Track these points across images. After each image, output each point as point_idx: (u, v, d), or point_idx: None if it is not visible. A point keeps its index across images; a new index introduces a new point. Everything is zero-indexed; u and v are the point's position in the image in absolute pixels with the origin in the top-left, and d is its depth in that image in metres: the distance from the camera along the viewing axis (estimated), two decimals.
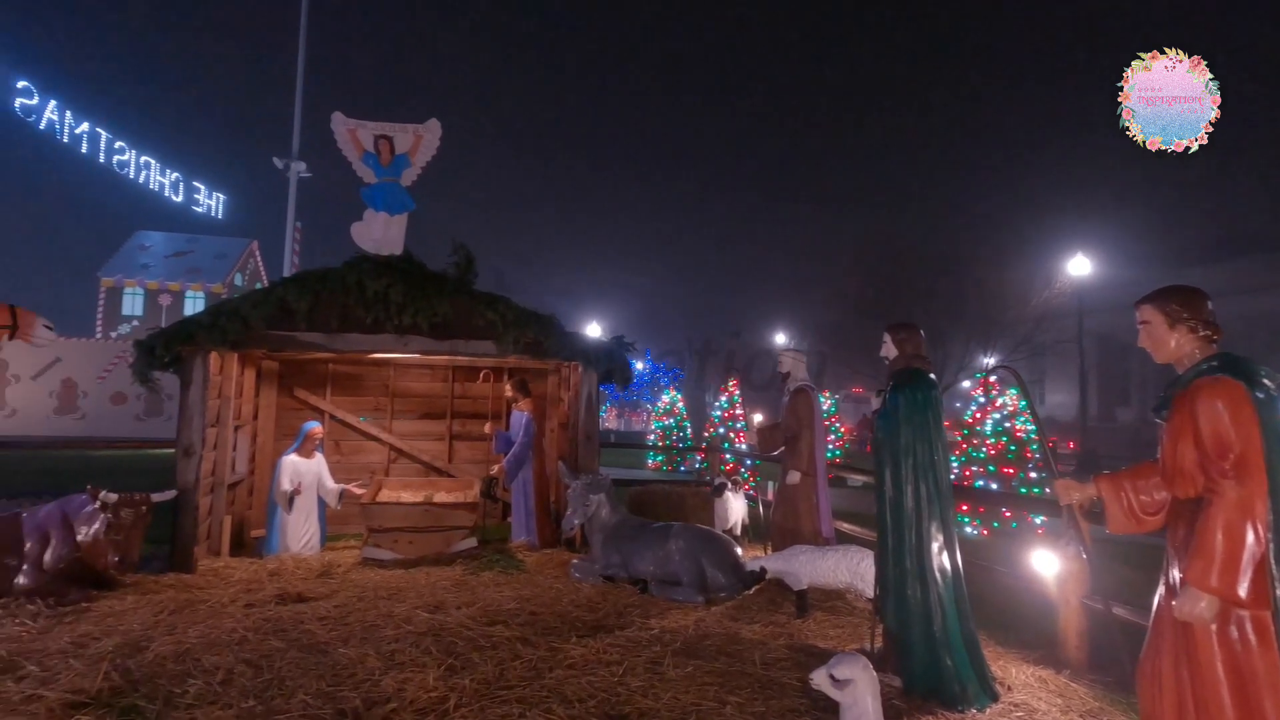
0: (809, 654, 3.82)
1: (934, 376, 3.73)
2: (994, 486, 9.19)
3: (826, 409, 15.60)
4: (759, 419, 13.39)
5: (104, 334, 32.65)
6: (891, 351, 3.78)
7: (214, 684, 3.18)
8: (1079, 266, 19.12)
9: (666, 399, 19.71)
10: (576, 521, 5.52)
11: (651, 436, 20.55)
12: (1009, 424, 9.68)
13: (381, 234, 6.05)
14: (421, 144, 6.25)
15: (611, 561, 5.28)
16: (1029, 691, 3.48)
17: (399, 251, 6.04)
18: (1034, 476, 9.35)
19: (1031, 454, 9.46)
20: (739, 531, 6.78)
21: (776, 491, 5.90)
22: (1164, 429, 2.20)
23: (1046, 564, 4.27)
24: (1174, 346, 2.26)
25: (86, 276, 35.95)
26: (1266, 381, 2.08)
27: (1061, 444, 17.87)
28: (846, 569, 4.55)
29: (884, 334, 3.84)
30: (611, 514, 5.47)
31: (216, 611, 4.30)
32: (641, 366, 30.06)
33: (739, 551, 5.27)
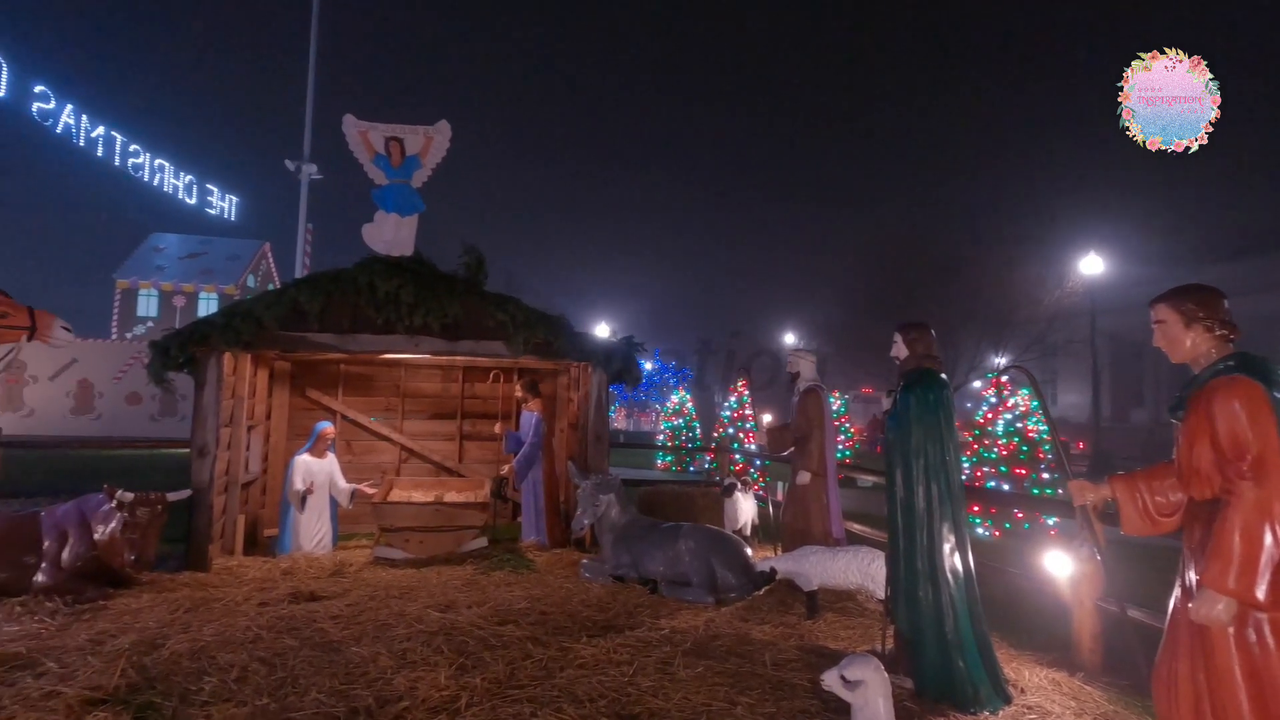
0: (820, 655, 3.81)
1: (945, 376, 3.71)
2: (1006, 487, 9.12)
3: (836, 409, 15.53)
4: (768, 419, 13.36)
5: (119, 335, 33.04)
6: (902, 351, 3.75)
7: (229, 681, 3.21)
8: (1091, 265, 18.90)
9: (675, 399, 19.71)
10: (586, 521, 5.53)
11: (660, 437, 20.56)
12: (1021, 424, 9.61)
13: (392, 235, 6.09)
14: (432, 145, 6.28)
15: (621, 561, 5.29)
16: (1042, 694, 3.46)
17: (410, 252, 6.08)
18: (1046, 477, 9.27)
19: (1044, 455, 9.38)
20: (749, 532, 6.77)
21: (786, 492, 5.89)
22: (1180, 429, 2.18)
23: (1060, 566, 4.24)
24: (1190, 346, 2.24)
25: (102, 278, 36.43)
26: None
27: (1071, 444, 17.71)
28: (857, 570, 4.54)
29: (894, 334, 3.82)
30: (621, 514, 5.48)
31: (231, 610, 4.35)
32: (650, 367, 30.08)
33: (749, 552, 5.26)
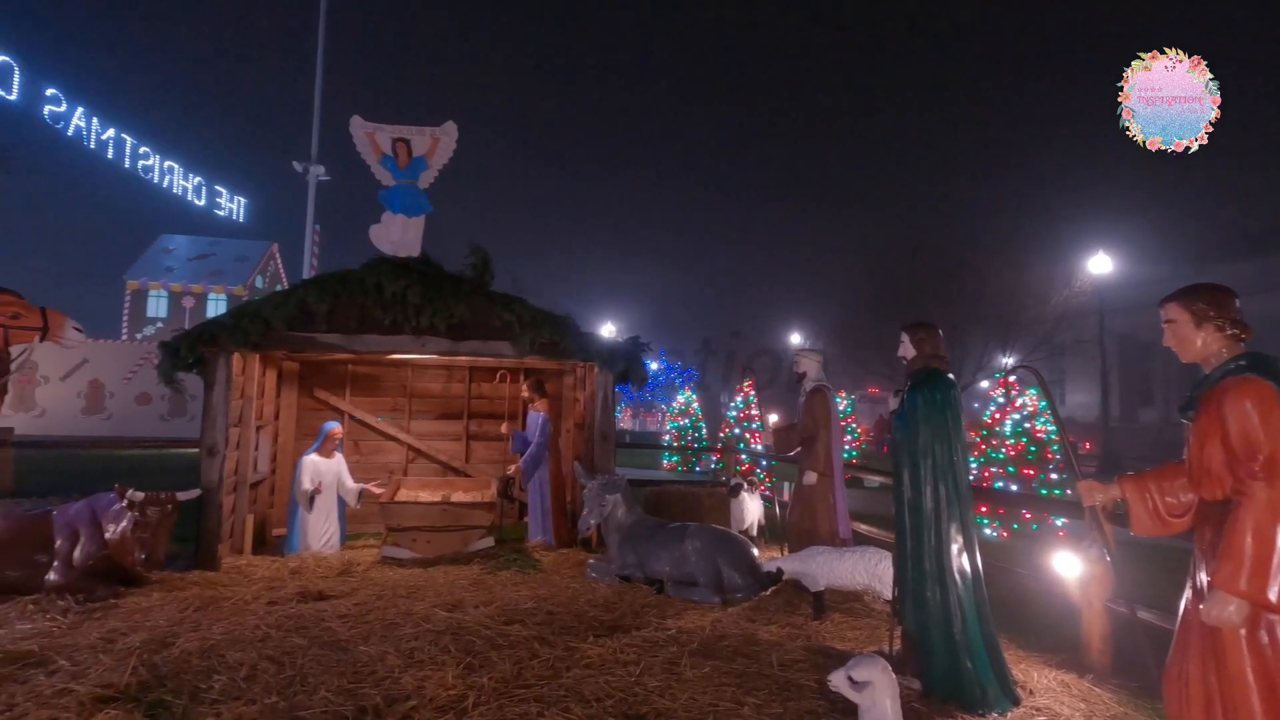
0: (827, 656, 3.81)
1: (952, 376, 3.70)
2: (1014, 488, 9.07)
3: (842, 409, 15.50)
4: (775, 419, 13.34)
5: (129, 336, 33.29)
6: (909, 351, 3.74)
7: (238, 680, 3.23)
8: (1100, 264, 18.80)
9: (681, 399, 19.70)
10: (593, 521, 5.53)
11: (666, 437, 20.56)
12: (1029, 424, 9.55)
13: (399, 236, 6.12)
14: (438, 146, 6.31)
15: (628, 561, 5.29)
16: (1051, 696, 3.44)
17: (416, 253, 6.10)
18: (1054, 478, 9.21)
19: (1052, 455, 9.32)
20: (755, 532, 6.76)
21: (793, 492, 5.88)
22: (1191, 430, 2.16)
23: (1069, 566, 4.22)
24: (1201, 346, 2.22)
25: (112, 279, 36.68)
26: None
27: (1078, 444, 17.55)
28: (864, 570, 4.52)
29: (901, 334, 3.81)
30: (627, 514, 5.48)
31: (240, 608, 4.38)
32: (656, 367, 30.10)
33: (755, 552, 5.26)
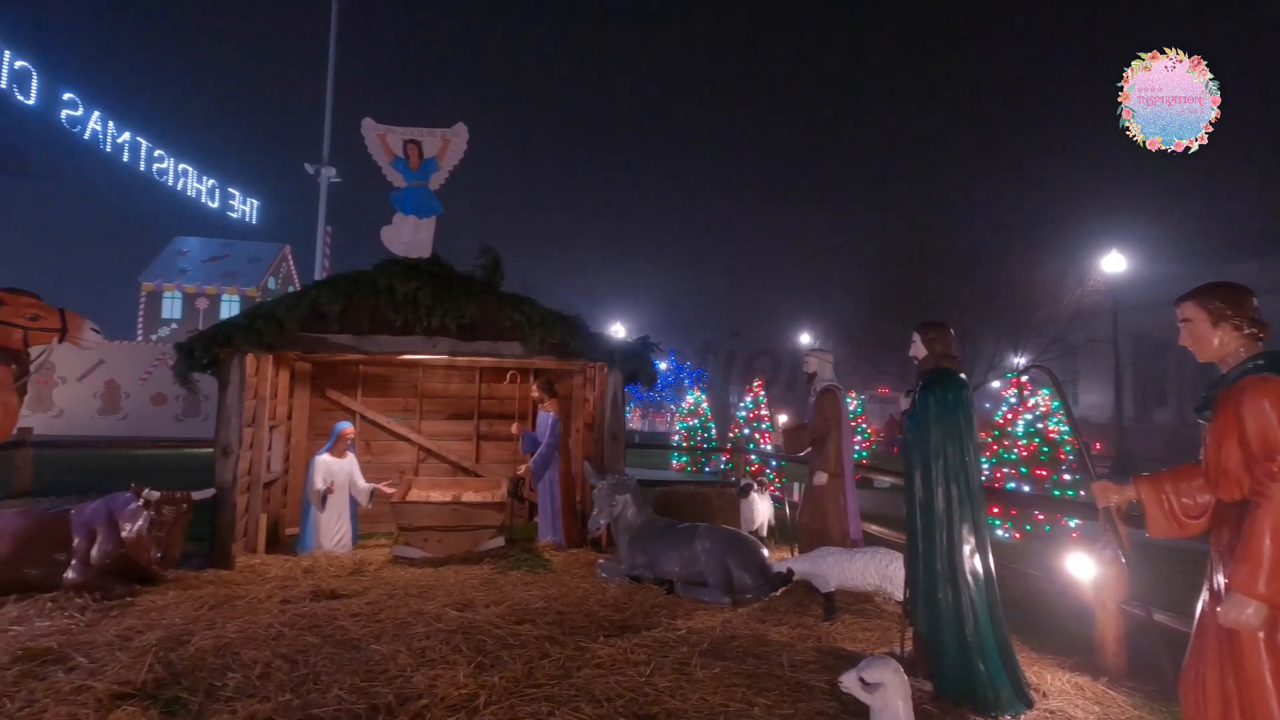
0: (837, 657, 3.79)
1: (964, 376, 3.68)
2: (1026, 489, 9.00)
3: (853, 409, 15.43)
4: (785, 419, 13.30)
5: (145, 337, 33.69)
6: (921, 351, 3.72)
7: (253, 677, 3.27)
8: (1113, 263, 18.59)
9: (691, 399, 19.68)
10: (602, 521, 5.54)
11: (675, 437, 20.55)
12: (1041, 425, 9.48)
13: (410, 237, 6.15)
14: (449, 148, 6.33)
15: (637, 562, 5.29)
16: (1065, 698, 3.41)
17: (427, 254, 6.14)
18: (1067, 479, 9.13)
19: (1065, 455, 9.25)
20: (765, 533, 6.75)
21: (803, 493, 5.86)
22: (1207, 430, 2.14)
23: (1083, 568, 4.18)
24: (1218, 345, 2.20)
25: (127, 281, 37.14)
26: None
27: (1089, 444, 17.36)
28: (875, 571, 4.50)
29: (913, 333, 3.79)
30: (637, 514, 5.49)
31: (254, 607, 4.42)
32: (665, 367, 30.12)
33: (765, 553, 5.24)
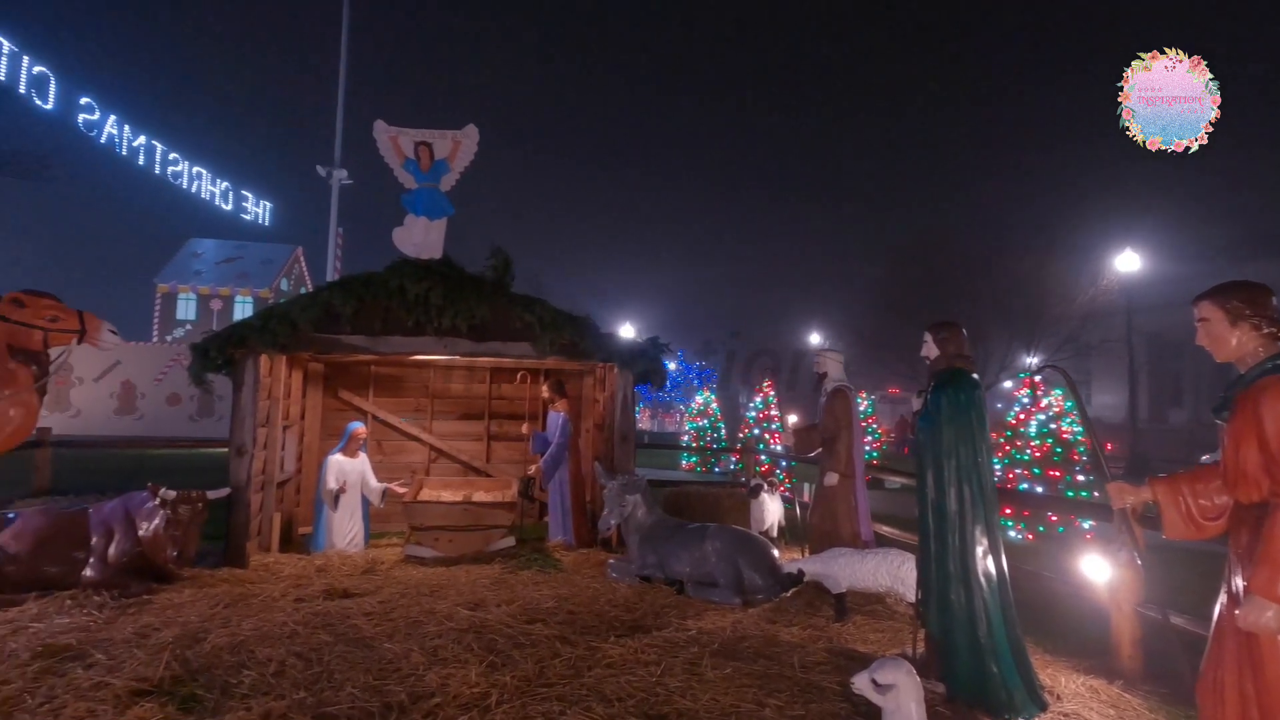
0: (849, 658, 3.78)
1: (976, 377, 3.65)
2: (1039, 490, 8.92)
3: (863, 410, 15.36)
4: (795, 420, 13.26)
5: (160, 338, 34.10)
6: (933, 351, 3.70)
7: (267, 675, 3.30)
8: (1127, 262, 18.38)
9: (700, 400, 19.66)
10: (613, 521, 5.55)
11: (685, 437, 20.52)
12: (1054, 425, 9.39)
13: (422, 238, 6.19)
14: (460, 150, 6.37)
15: (648, 562, 5.30)
16: (1080, 701, 3.38)
17: (439, 255, 6.18)
18: (1081, 480, 9.04)
19: (1078, 456, 9.16)
20: (775, 533, 6.73)
21: (814, 493, 5.84)
22: (1225, 431, 2.12)
23: (1098, 570, 4.14)
24: (1235, 345, 2.17)
25: (143, 282, 37.60)
26: None
27: (1102, 445, 17.19)
28: (887, 572, 4.48)
29: (925, 333, 3.77)
30: (648, 514, 5.49)
31: (268, 605, 4.46)
32: (674, 367, 30.09)
33: (775, 553, 5.24)
